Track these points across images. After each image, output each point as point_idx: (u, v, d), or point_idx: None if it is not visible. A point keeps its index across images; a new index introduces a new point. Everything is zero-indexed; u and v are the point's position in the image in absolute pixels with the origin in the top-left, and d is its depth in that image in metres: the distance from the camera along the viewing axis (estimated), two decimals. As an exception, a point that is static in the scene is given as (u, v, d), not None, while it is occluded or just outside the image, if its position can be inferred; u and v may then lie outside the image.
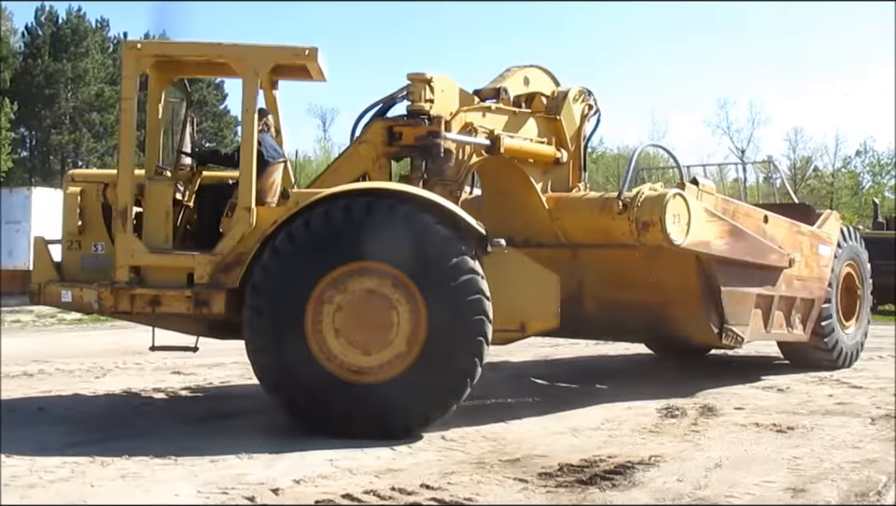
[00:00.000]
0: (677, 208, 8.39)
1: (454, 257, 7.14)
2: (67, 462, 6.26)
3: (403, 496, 5.43)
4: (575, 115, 9.31)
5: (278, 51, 8.01)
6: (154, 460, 6.35)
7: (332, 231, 7.11)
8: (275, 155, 8.01)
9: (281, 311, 7.10)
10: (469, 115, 8.44)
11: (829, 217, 11.21)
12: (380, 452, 6.64)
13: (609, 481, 5.83)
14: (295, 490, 5.58)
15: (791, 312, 10.26)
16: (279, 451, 6.65)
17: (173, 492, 5.51)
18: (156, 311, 7.45)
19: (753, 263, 9.38)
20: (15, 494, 5.45)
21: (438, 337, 7.12)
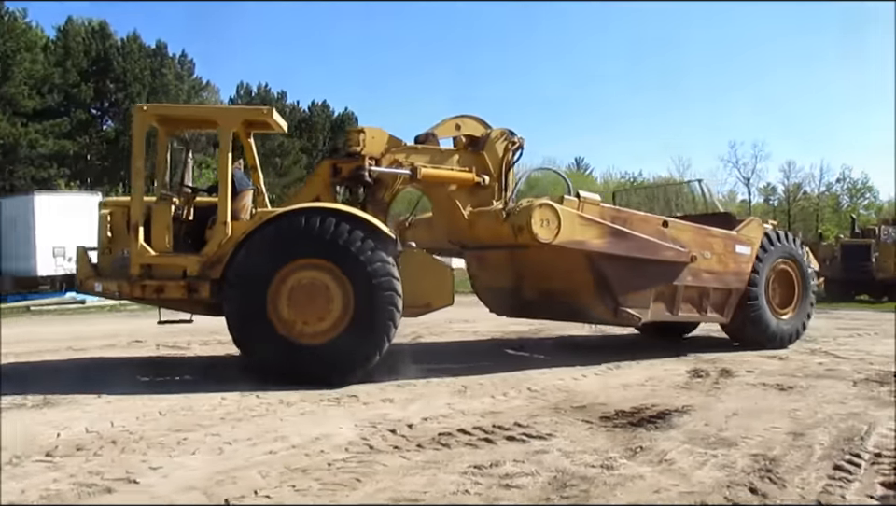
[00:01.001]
0: (544, 215, 8.39)
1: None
2: (262, 403, 6.61)
3: (501, 431, 5.58)
4: (498, 150, 9.28)
5: (245, 111, 8.98)
6: (322, 402, 6.67)
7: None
8: (245, 185, 8.61)
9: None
10: (395, 154, 8.79)
11: (750, 223, 10.77)
12: (484, 399, 6.81)
13: (652, 424, 5.88)
14: (423, 425, 5.78)
15: (702, 299, 9.90)
16: (411, 398, 6.90)
17: (337, 425, 5.77)
18: (160, 297, 7.92)
19: (646, 259, 9.12)
20: (227, 425, 5.81)
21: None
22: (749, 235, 10.50)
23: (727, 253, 10.09)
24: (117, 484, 4.29)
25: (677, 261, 9.48)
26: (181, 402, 6.57)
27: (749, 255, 10.37)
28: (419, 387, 7.39)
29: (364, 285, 7.58)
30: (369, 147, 8.64)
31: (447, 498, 4.07)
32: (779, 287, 10.90)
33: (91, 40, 51.74)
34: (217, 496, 4.05)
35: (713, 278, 9.93)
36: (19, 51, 45.25)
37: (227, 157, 8.00)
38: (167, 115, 8.89)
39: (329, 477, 4.41)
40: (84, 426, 5.69)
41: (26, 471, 4.54)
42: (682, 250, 9.50)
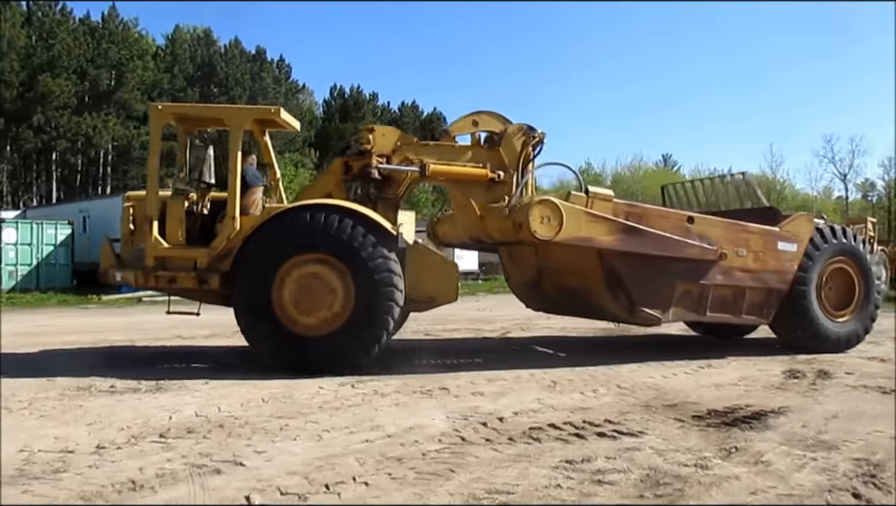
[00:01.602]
0: (545, 212, 8.20)
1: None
2: (358, 393, 6.75)
3: (592, 427, 5.51)
4: (515, 145, 8.94)
5: (253, 110, 9.06)
6: (415, 394, 6.75)
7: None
8: (255, 181, 8.72)
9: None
10: (406, 151, 8.74)
11: (797, 218, 9.91)
12: (573, 395, 6.73)
13: (747, 424, 5.68)
14: (514, 419, 5.76)
15: (737, 299, 9.26)
16: (501, 392, 6.89)
17: (430, 416, 5.82)
18: (173, 287, 8.19)
19: (665, 257, 8.68)
20: (325, 413, 5.95)
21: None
22: (796, 231, 9.70)
23: (767, 250, 9.39)
24: (225, 465, 4.45)
25: (703, 259, 8.92)
26: (282, 391, 6.78)
27: (795, 252, 9.56)
28: (509, 382, 7.37)
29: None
30: (379, 144, 8.71)
31: (539, 491, 4.05)
32: (836, 287, 10.01)
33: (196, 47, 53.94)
34: (317, 481, 4.16)
35: (749, 277, 9.24)
36: (132, 59, 47.61)
37: (236, 154, 8.20)
38: (182, 113, 9.17)
39: (423, 466, 4.46)
40: (193, 410, 5.95)
41: (142, 451, 4.77)
42: (709, 247, 8.93)
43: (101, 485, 4.05)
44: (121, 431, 5.26)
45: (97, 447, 4.84)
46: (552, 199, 8.40)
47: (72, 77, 44.68)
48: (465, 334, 11.26)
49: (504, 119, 9.35)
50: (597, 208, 8.58)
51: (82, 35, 46.95)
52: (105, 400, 6.38)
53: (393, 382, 7.27)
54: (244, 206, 8.22)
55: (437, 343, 10.80)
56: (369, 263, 7.73)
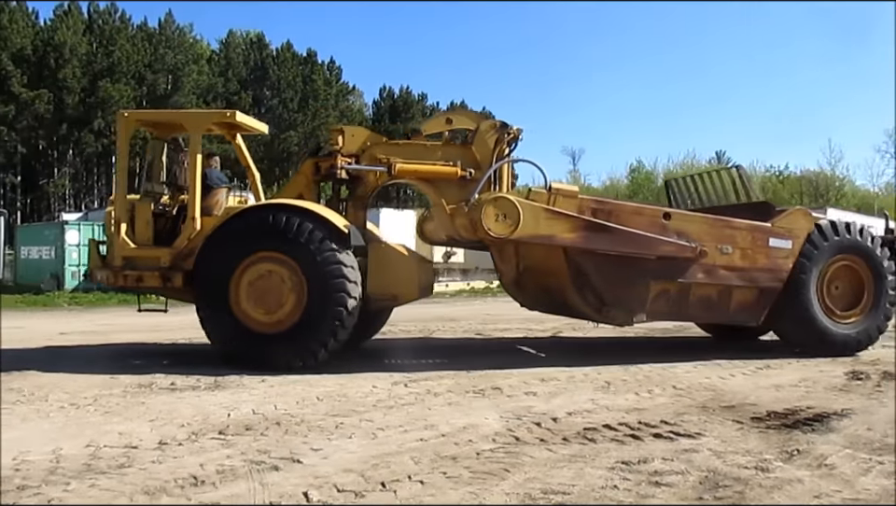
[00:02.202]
0: (500, 209, 8.10)
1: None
2: (411, 392, 6.78)
3: (648, 428, 5.43)
4: (488, 142, 8.79)
5: (210, 115, 9.46)
6: (468, 394, 6.75)
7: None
8: (218, 183, 8.97)
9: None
10: (374, 151, 8.78)
11: (792, 213, 9.35)
12: (628, 396, 6.65)
13: (809, 426, 5.52)
14: (568, 419, 5.72)
15: (723, 298, 8.85)
16: (554, 392, 6.84)
17: (483, 416, 5.80)
18: (139, 285, 8.49)
19: (636, 254, 8.41)
20: (379, 412, 6.00)
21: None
22: (790, 227, 9.13)
23: (756, 247, 8.91)
24: (283, 462, 4.52)
25: (679, 257, 8.56)
26: (335, 389, 6.86)
27: (790, 249, 9.02)
28: (562, 382, 7.32)
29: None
30: (347, 145, 8.78)
31: (595, 492, 4.01)
32: (844, 286, 9.37)
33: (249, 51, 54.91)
34: (373, 479, 4.19)
35: (736, 276, 8.82)
36: (187, 64, 48.72)
37: (196, 157, 8.46)
38: (147, 120, 9.52)
39: (478, 466, 4.46)
40: (251, 407, 6.06)
41: (203, 447, 4.88)
42: (686, 245, 8.57)
43: (164, 481, 4.15)
44: (182, 428, 5.39)
45: (159, 443, 4.96)
46: (507, 196, 8.28)
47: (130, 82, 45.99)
48: (516, 334, 11.22)
49: (479, 116, 9.40)
50: (561, 205, 8.40)
51: (140, 41, 48.28)
52: (165, 397, 6.55)
53: (445, 381, 7.29)
54: (206, 207, 8.50)
55: (488, 342, 10.79)
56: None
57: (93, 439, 5.05)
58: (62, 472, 4.31)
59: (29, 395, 6.59)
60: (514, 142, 8.99)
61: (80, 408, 6.06)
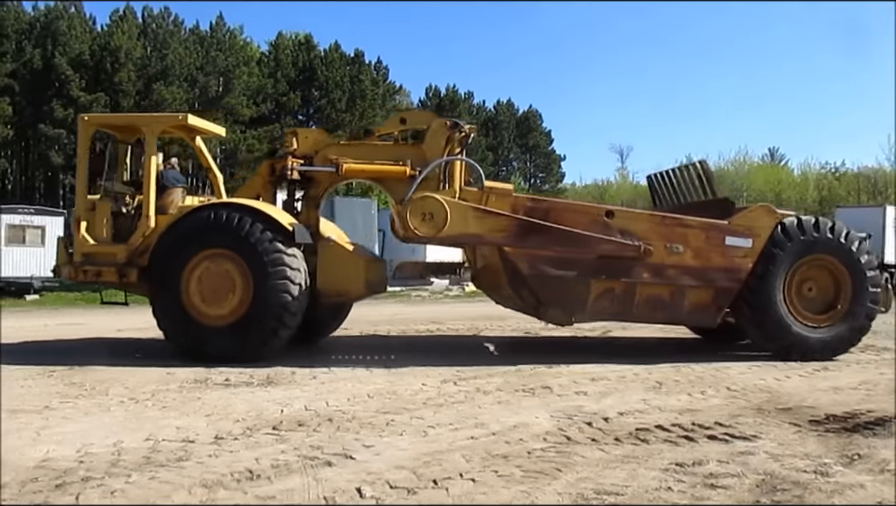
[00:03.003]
0: (427, 208, 8.24)
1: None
2: (461, 390, 6.78)
3: (702, 429, 5.34)
4: (438, 141, 8.78)
5: (164, 118, 9.88)
6: (517, 392, 6.73)
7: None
8: (174, 182, 9.37)
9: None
10: (327, 152, 8.96)
11: (752, 211, 8.91)
12: (680, 396, 6.55)
13: (870, 430, 5.37)
14: (619, 420, 5.66)
15: (674, 299, 8.55)
16: (605, 392, 6.78)
17: (533, 415, 5.79)
18: (98, 280, 9.01)
19: (575, 254, 8.31)
20: (429, 410, 6.01)
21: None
22: (750, 225, 8.70)
23: (711, 246, 8.56)
24: (335, 458, 4.58)
25: (621, 256, 8.39)
26: (385, 387, 6.91)
27: (749, 248, 8.60)
28: (612, 381, 7.25)
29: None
30: (301, 146, 9.03)
31: (650, 493, 3.96)
32: (818, 287, 8.82)
33: (298, 52, 55.57)
34: (425, 476, 4.21)
35: (687, 275, 8.50)
36: (238, 66, 49.54)
37: (151, 158, 8.88)
38: (106, 123, 9.92)
39: (529, 465, 4.45)
40: (303, 404, 6.14)
41: (258, 442, 4.97)
42: (628, 243, 8.37)
43: (221, 474, 4.24)
44: (237, 423, 5.49)
45: (215, 438, 5.07)
46: (434, 195, 8.29)
47: (183, 84, 46.93)
48: (565, 332, 11.13)
49: (431, 115, 9.51)
50: (494, 204, 8.40)
51: (192, 44, 49.27)
52: (220, 392, 6.68)
53: (495, 379, 7.28)
54: (162, 206, 8.92)
55: (537, 340, 10.74)
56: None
57: (152, 433, 5.18)
58: (123, 465, 4.44)
59: (90, 389, 6.79)
60: (466, 140, 8.96)
61: (139, 403, 6.22)
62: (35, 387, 6.91)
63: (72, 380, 7.27)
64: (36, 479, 4.16)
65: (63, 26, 47.71)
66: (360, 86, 54.34)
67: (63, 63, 45.64)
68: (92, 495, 3.91)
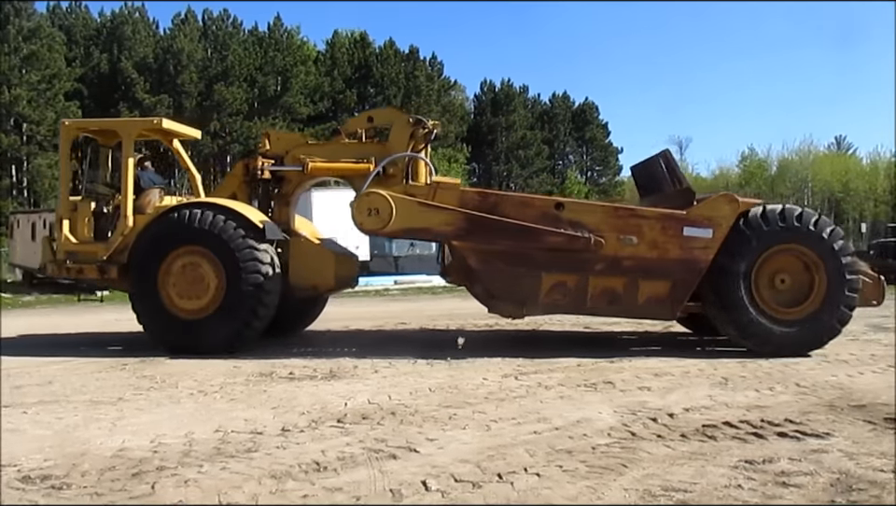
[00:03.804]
0: (372, 204, 8.41)
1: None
2: (522, 385, 6.77)
3: (771, 426, 5.21)
4: (402, 138, 9.03)
5: (139, 122, 10.46)
6: (580, 387, 6.67)
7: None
8: (150, 183, 9.86)
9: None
10: (296, 151, 9.34)
11: (712, 200, 8.56)
12: (748, 393, 6.38)
13: (950, 429, 5.18)
14: (685, 415, 5.56)
15: (629, 291, 8.35)
16: (669, 387, 6.67)
17: (597, 410, 5.73)
18: (80, 277, 9.63)
19: (521, 246, 8.27)
20: (491, 404, 6.01)
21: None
22: (711, 215, 8.38)
23: (668, 237, 8.31)
24: (400, 451, 4.62)
25: (571, 249, 8.25)
26: (447, 381, 6.94)
27: (709, 239, 8.30)
28: (676, 377, 7.13)
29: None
30: (273, 147, 9.49)
31: (719, 491, 3.89)
32: (791, 279, 8.44)
33: (353, 50, 56.09)
34: (489, 470, 4.22)
35: (643, 267, 8.31)
36: (295, 65, 50.30)
37: (128, 160, 9.33)
38: (86, 128, 10.35)
39: (594, 460, 4.41)
40: (366, 397, 6.21)
41: (323, 435, 5.05)
42: (577, 235, 8.23)
43: (289, 466, 4.32)
44: (302, 415, 5.59)
45: (282, 430, 5.17)
46: (379, 191, 8.46)
47: (243, 84, 47.88)
48: (626, 327, 10.99)
49: (395, 112, 9.84)
50: (441, 198, 8.49)
51: (251, 45, 50.20)
52: (285, 385, 6.81)
53: (556, 375, 7.24)
54: (139, 206, 9.36)
55: (596, 336, 10.62)
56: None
57: (221, 424, 5.32)
58: (195, 455, 4.57)
59: (161, 382, 7.00)
60: (429, 136, 9.14)
61: (208, 395, 6.39)
62: (109, 380, 7.16)
63: (143, 373, 7.51)
64: (114, 467, 4.32)
65: (127, 31, 49.18)
66: (415, 82, 54.59)
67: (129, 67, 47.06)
68: (167, 484, 4.03)
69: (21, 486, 4.01)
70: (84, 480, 4.10)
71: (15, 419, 5.54)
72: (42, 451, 4.66)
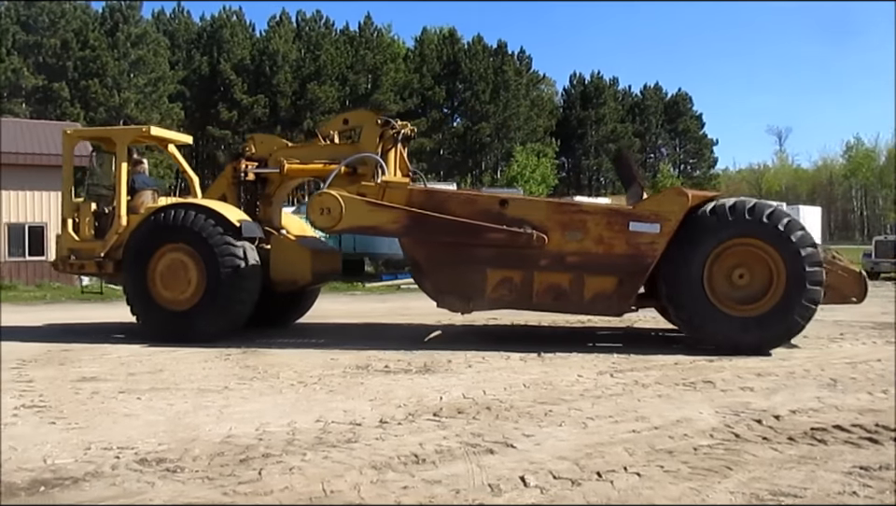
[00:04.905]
0: (324, 203, 8.73)
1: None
2: (618, 383, 6.64)
3: (887, 431, 4.93)
4: (372, 139, 9.57)
5: (130, 130, 11.02)
6: (678, 386, 6.50)
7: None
8: (144, 185, 10.48)
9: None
10: (278, 154, 9.94)
11: (661, 194, 8.56)
12: (859, 395, 6.07)
13: None
14: (792, 418, 5.34)
15: (574, 287, 8.36)
16: (773, 388, 6.42)
17: (697, 410, 5.57)
18: (82, 272, 10.58)
19: (466, 243, 8.47)
20: (587, 401, 5.93)
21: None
22: (659, 210, 8.20)
23: (613, 233, 8.24)
24: (496, 446, 4.62)
25: (514, 245, 8.31)
26: (541, 377, 6.90)
27: (657, 234, 8.14)
28: (780, 377, 6.85)
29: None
30: (258, 150, 10.13)
31: (832, 497, 3.72)
32: (750, 274, 8.17)
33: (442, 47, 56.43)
34: (588, 468, 4.17)
35: (589, 263, 8.29)
36: (385, 63, 51.04)
37: (121, 164, 10.04)
38: (85, 136, 11.18)
39: (696, 461, 4.29)
40: (461, 392, 6.25)
41: (420, 428, 5.11)
42: (519, 231, 8.29)
43: (388, 457, 4.39)
44: (399, 408, 5.67)
45: (380, 422, 5.26)
46: (330, 191, 8.82)
47: (335, 83, 48.97)
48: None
49: (367, 114, 10.23)
50: (390, 197, 8.77)
51: (343, 45, 51.26)
52: (381, 378, 6.93)
53: (653, 373, 7.08)
54: (133, 207, 10.04)
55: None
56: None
57: (322, 415, 5.46)
58: (298, 443, 4.71)
59: (263, 372, 7.25)
60: (397, 136, 9.63)
61: (308, 386, 6.57)
62: (215, 369, 7.47)
63: (246, 363, 7.79)
64: (222, 453, 4.50)
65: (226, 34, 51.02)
66: (504, 77, 54.49)
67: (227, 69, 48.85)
68: (273, 470, 4.17)
69: (139, 468, 4.23)
70: (195, 464, 4.29)
71: (130, 404, 5.85)
72: (156, 435, 4.90)
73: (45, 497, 3.79)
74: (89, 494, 3.83)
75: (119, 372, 7.25)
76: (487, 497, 3.77)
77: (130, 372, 7.31)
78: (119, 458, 4.40)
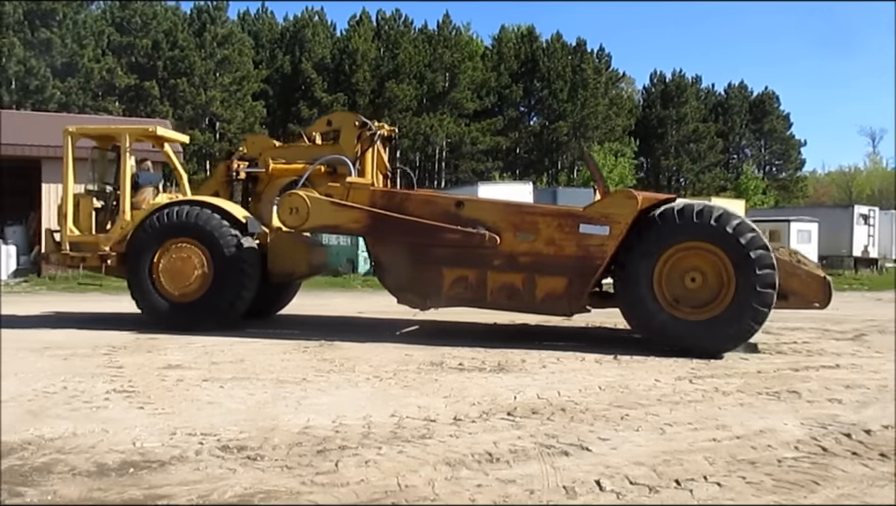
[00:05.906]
0: (293, 203, 9.17)
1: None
2: (697, 389, 6.47)
3: None
4: (350, 140, 10.16)
5: (134, 129, 11.22)
6: (761, 395, 6.28)
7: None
8: (147, 182, 10.97)
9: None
10: (266, 154, 10.53)
11: (611, 197, 8.55)
12: (959, 412, 5.77)
13: None
14: (884, 433, 5.07)
15: (526, 286, 8.61)
16: (865, 401, 6.13)
17: (781, 421, 5.38)
18: (84, 265, 10.87)
19: (423, 243, 8.79)
20: (665, 407, 5.80)
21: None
22: (608, 212, 8.32)
23: (564, 234, 8.42)
24: (571, 448, 4.58)
25: (469, 245, 8.59)
26: (617, 380, 6.79)
27: (606, 236, 8.27)
28: (872, 390, 6.53)
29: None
30: (249, 150, 10.73)
31: (928, 518, 3.53)
32: (702, 278, 8.14)
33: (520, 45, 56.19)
34: (666, 475, 4.08)
35: (539, 263, 8.51)
36: (463, 61, 51.17)
37: (125, 161, 10.46)
38: (88, 133, 11.30)
39: (780, 474, 4.15)
40: (535, 392, 6.21)
41: (494, 427, 5.10)
42: (473, 232, 8.57)
43: (462, 454, 4.41)
44: (473, 406, 5.68)
45: (454, 419, 5.28)
46: (297, 192, 9.25)
47: (412, 81, 49.37)
48: (810, 334, 10.26)
49: (348, 116, 10.70)
50: (354, 197, 9.09)
51: (421, 43, 51.63)
52: (455, 376, 6.95)
53: (734, 380, 6.88)
54: (136, 203, 10.53)
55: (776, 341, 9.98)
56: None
57: (397, 410, 5.52)
58: (373, 437, 4.77)
59: (339, 365, 7.38)
60: (374, 137, 10.15)
61: (383, 380, 6.66)
62: (293, 361, 7.65)
63: (323, 356, 7.94)
64: (301, 443, 4.60)
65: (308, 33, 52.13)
66: (582, 75, 53.88)
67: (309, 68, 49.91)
68: (349, 463, 4.24)
69: (221, 454, 4.37)
70: (275, 453, 4.40)
71: (213, 393, 6.05)
72: (237, 423, 5.05)
73: (134, 478, 3.96)
74: (175, 477, 3.97)
75: (202, 361, 7.51)
76: (562, 498, 3.73)
77: (213, 361, 7.56)
78: (203, 444, 4.55)
